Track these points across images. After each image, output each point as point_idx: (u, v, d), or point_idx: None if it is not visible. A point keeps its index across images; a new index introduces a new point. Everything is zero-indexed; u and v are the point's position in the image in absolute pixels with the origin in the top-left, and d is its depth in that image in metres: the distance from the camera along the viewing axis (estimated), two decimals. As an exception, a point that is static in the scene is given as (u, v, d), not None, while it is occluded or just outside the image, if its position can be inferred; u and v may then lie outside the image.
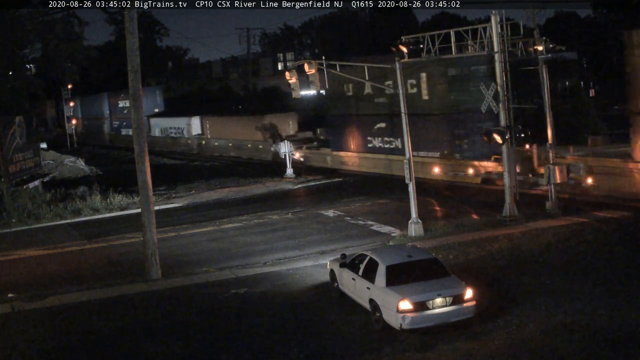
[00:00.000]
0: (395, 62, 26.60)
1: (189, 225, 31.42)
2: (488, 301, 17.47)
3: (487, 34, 26.71)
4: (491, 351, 14.92)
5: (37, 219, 34.62)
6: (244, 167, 51.92)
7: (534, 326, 15.97)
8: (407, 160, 25.82)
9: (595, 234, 23.45)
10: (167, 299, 20.48)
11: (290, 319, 17.91)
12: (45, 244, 29.59)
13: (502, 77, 26.87)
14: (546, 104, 28.02)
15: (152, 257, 22.90)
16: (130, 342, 17.19)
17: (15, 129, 40.36)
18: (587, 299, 17.29)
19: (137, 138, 23.07)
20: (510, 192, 26.85)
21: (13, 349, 17.09)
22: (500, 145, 25.68)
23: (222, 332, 17.32)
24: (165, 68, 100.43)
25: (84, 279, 23.29)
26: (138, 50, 22.87)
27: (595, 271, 19.46)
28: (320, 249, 24.89)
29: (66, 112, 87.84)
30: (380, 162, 42.37)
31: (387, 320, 16.30)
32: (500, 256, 21.86)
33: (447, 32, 27.68)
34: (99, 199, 37.07)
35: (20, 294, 21.61)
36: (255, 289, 20.65)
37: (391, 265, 17.02)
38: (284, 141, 45.54)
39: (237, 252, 25.68)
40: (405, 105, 26.18)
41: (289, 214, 32.09)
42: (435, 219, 27.88)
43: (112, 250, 27.75)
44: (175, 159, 62.27)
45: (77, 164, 56.43)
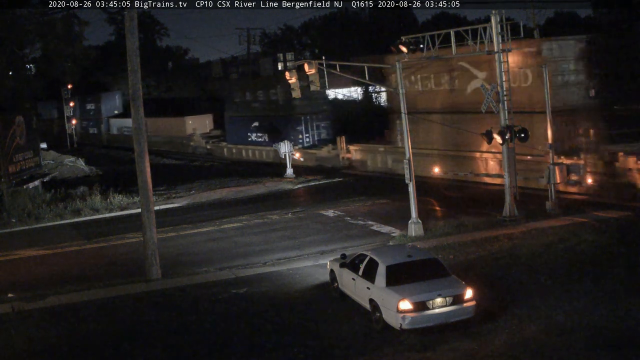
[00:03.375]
0: (396, 62, 26.62)
1: (189, 225, 31.42)
2: (488, 301, 17.47)
3: (487, 34, 26.67)
4: (491, 351, 14.92)
5: (37, 219, 34.63)
6: (244, 166, 52.05)
7: (534, 326, 15.97)
8: (407, 160, 25.82)
9: (595, 234, 23.44)
10: (167, 299, 20.48)
11: (291, 319, 17.91)
12: (45, 244, 29.59)
13: (502, 77, 26.85)
14: (546, 104, 28.03)
15: (152, 257, 22.91)
16: (130, 342, 17.19)
17: (15, 129, 40.34)
18: (587, 299, 17.29)
19: (137, 138, 23.06)
20: (510, 192, 26.85)
21: (13, 349, 17.10)
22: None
23: (222, 332, 17.32)
24: (165, 68, 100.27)
25: (84, 279, 23.29)
26: (138, 50, 22.87)
27: (595, 271, 19.45)
28: (320, 249, 24.89)
29: (66, 112, 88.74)
30: (257, 152, 56.79)
31: (387, 320, 16.30)
32: (500, 256, 21.85)
33: (447, 32, 27.65)
34: (99, 199, 37.07)
35: (20, 294, 21.62)
36: (256, 289, 20.65)
37: (391, 265, 17.02)
38: (284, 141, 45.57)
39: (237, 252, 25.69)
40: (405, 105, 26.18)
41: (289, 214, 32.10)
42: (431, 218, 27.90)
43: (112, 250, 27.75)
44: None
45: (77, 164, 56.45)
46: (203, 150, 65.94)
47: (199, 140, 66.91)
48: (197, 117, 70.93)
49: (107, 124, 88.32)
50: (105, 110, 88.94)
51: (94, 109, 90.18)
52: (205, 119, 70.74)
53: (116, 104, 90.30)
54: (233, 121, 61.43)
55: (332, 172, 44.95)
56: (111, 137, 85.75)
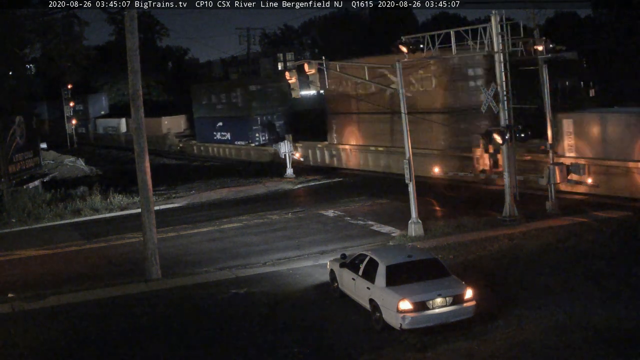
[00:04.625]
0: (396, 62, 26.61)
1: (189, 225, 31.42)
2: (488, 301, 17.46)
3: (487, 34, 26.67)
4: (491, 351, 14.92)
5: (37, 219, 34.62)
6: (244, 166, 52.07)
7: (534, 326, 15.97)
8: (407, 161, 25.82)
9: (595, 234, 23.45)
10: (167, 299, 20.48)
11: (291, 319, 17.90)
12: (45, 244, 29.59)
13: (502, 77, 26.84)
14: (546, 104, 28.03)
15: (152, 257, 22.90)
16: (130, 342, 17.19)
17: (15, 129, 40.31)
18: (587, 299, 17.29)
19: (137, 138, 23.06)
20: (510, 192, 26.84)
21: (13, 349, 17.10)
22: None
23: (222, 332, 17.32)
24: (165, 68, 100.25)
25: (84, 279, 23.28)
26: (138, 50, 22.86)
27: (595, 271, 19.45)
28: (320, 249, 24.89)
29: (66, 112, 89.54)
30: (221, 150, 63.34)
31: (387, 320, 16.30)
32: (500, 256, 21.86)
33: (447, 32, 27.66)
34: (99, 199, 37.06)
35: (20, 294, 21.61)
36: (256, 289, 20.65)
37: (391, 265, 17.02)
38: (284, 141, 45.58)
39: (237, 252, 25.68)
40: (404, 105, 26.18)
41: (289, 213, 32.09)
42: (432, 218, 27.89)
43: (112, 250, 27.75)
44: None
45: (77, 164, 56.45)
46: (176, 147, 71.76)
47: (172, 139, 73.32)
48: (172, 118, 77.11)
49: (94, 124, 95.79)
50: (92, 111, 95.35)
51: (82, 110, 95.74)
52: (179, 119, 77.09)
53: (102, 105, 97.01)
54: (201, 121, 67.87)
55: (327, 171, 45.01)
56: (97, 135, 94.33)
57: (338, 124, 47.57)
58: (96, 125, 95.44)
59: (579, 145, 30.98)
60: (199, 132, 69.09)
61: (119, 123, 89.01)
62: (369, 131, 44.40)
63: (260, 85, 60.38)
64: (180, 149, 71.10)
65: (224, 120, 63.33)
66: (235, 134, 61.61)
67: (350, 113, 45.84)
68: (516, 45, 27.59)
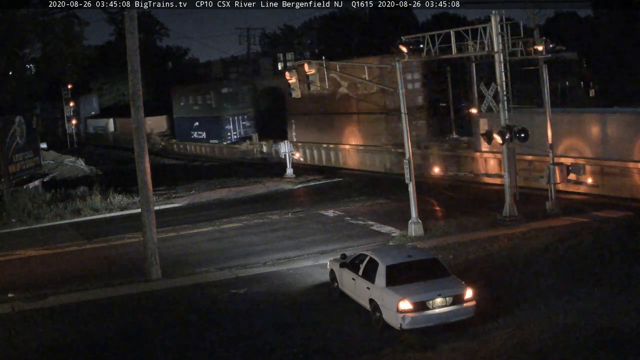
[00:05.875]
0: (396, 62, 26.62)
1: (189, 225, 31.41)
2: (488, 301, 17.46)
3: (487, 34, 26.66)
4: (491, 351, 14.92)
5: (37, 219, 34.60)
6: (244, 167, 52.10)
7: (534, 326, 15.96)
8: (407, 161, 25.82)
9: (596, 234, 23.44)
10: (167, 299, 20.48)
11: (291, 319, 17.91)
12: (45, 244, 29.58)
13: (502, 77, 26.84)
14: (546, 104, 28.03)
15: (152, 257, 22.89)
16: (130, 342, 17.19)
17: (15, 129, 40.30)
18: (587, 299, 17.29)
19: (137, 138, 23.03)
20: (510, 192, 26.84)
21: (13, 349, 17.10)
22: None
23: (222, 332, 17.31)
24: (165, 68, 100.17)
25: (84, 279, 23.27)
26: (138, 50, 22.84)
27: (595, 271, 19.45)
28: (320, 249, 24.89)
29: (66, 112, 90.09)
30: (198, 148, 68.61)
31: (387, 320, 16.30)
32: (500, 256, 21.86)
33: (447, 32, 27.66)
34: (99, 199, 37.04)
35: (20, 294, 21.61)
36: (256, 289, 20.65)
37: (391, 265, 17.02)
38: (284, 141, 45.60)
39: (237, 252, 25.68)
40: (404, 106, 26.18)
41: (289, 214, 32.09)
42: (431, 218, 27.89)
43: (112, 250, 27.74)
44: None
45: (77, 164, 56.43)
46: (158, 146, 75.89)
47: (155, 138, 76.86)
48: (155, 118, 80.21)
49: (84, 124, 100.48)
50: (84, 112, 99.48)
51: (74, 110, 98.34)
52: (162, 119, 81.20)
53: (93, 106, 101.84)
54: (180, 121, 73.12)
55: (325, 171, 45.03)
56: (88, 135, 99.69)
57: (297, 123, 52.83)
58: (87, 125, 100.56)
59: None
60: (178, 132, 74.09)
61: (107, 123, 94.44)
62: (321, 129, 49.87)
63: (232, 88, 65.52)
64: (162, 147, 75.83)
65: (200, 120, 68.20)
66: (210, 133, 66.30)
67: (306, 114, 50.86)
68: (516, 45, 27.62)
